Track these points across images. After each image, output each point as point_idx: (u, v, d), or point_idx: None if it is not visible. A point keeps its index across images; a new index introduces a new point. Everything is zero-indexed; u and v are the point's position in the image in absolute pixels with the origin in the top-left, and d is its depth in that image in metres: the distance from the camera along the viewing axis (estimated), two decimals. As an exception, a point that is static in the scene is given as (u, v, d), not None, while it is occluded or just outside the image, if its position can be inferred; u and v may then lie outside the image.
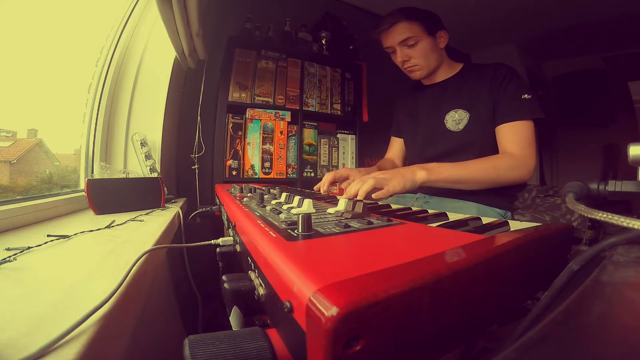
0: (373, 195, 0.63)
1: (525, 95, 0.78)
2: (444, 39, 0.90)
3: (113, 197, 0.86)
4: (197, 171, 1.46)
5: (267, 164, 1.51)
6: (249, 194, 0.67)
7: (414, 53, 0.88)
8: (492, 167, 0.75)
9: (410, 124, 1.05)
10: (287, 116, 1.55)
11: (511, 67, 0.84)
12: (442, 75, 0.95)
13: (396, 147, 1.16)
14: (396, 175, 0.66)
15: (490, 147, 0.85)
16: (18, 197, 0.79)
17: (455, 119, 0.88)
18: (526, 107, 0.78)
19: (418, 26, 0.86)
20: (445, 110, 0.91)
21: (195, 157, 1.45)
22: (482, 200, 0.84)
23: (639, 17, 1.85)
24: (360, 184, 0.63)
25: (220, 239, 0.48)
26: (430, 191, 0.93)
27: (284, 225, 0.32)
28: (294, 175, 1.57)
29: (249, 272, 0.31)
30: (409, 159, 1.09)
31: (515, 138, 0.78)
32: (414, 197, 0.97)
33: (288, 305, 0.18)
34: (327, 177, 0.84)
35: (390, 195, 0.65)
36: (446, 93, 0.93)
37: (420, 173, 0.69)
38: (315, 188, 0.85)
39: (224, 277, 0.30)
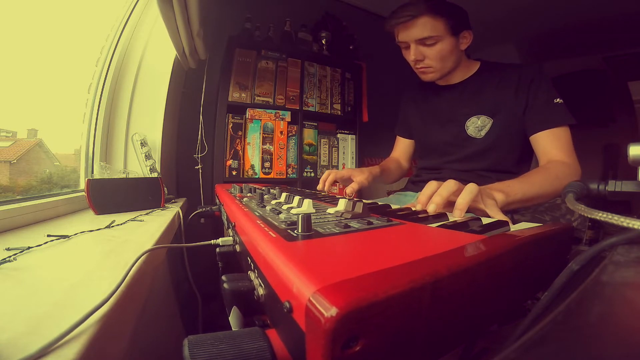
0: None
1: (558, 100, 0.76)
2: (467, 39, 0.82)
3: (113, 197, 0.86)
4: (200, 171, 1.46)
5: (267, 164, 1.51)
6: (248, 194, 0.66)
7: (431, 53, 0.80)
8: (556, 178, 0.70)
9: (424, 127, 0.99)
10: (287, 116, 1.55)
11: (538, 68, 0.78)
12: (459, 76, 0.89)
13: (402, 146, 1.12)
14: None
15: (508, 153, 0.82)
16: (18, 197, 0.79)
17: (478, 126, 0.84)
18: (562, 112, 0.75)
19: (442, 24, 0.76)
20: (466, 116, 0.85)
21: (198, 157, 1.45)
22: None
23: (639, 17, 1.85)
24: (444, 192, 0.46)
25: (220, 239, 0.48)
26: None
27: (283, 226, 0.32)
28: (294, 175, 1.57)
29: (249, 272, 0.31)
30: (422, 163, 1.04)
31: (560, 145, 0.75)
32: (414, 196, 0.97)
33: (287, 305, 0.18)
34: (330, 177, 0.82)
35: None
36: (464, 96, 0.87)
37: (500, 197, 0.58)
38: (318, 187, 0.85)
39: (223, 277, 0.30)
